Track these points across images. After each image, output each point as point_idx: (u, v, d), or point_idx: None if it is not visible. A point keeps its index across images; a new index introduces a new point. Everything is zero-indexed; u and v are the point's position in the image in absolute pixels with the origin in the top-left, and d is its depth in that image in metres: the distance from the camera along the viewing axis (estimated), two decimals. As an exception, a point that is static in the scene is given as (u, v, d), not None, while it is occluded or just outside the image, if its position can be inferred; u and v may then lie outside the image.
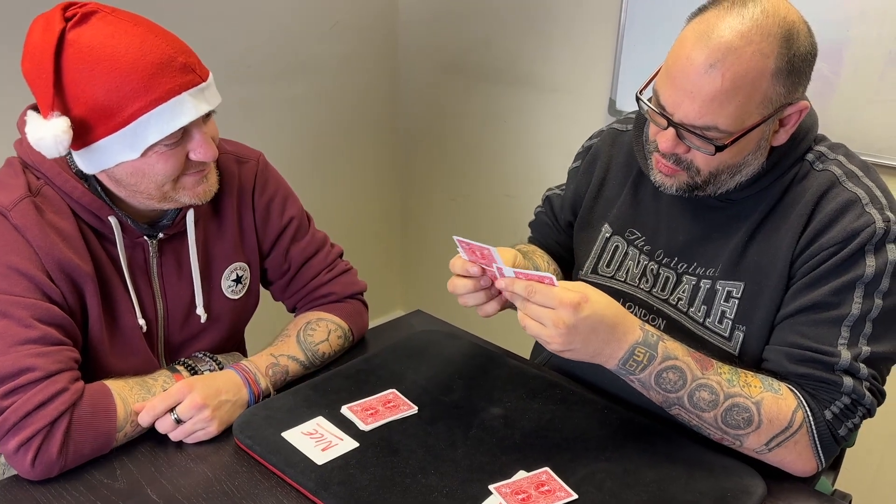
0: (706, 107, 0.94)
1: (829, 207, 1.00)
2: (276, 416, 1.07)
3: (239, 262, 1.24)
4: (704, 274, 1.10)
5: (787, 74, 0.94)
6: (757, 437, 0.97)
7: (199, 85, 1.00)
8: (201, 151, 1.03)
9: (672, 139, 0.99)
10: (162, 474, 0.99)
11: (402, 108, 2.73)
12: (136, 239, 1.11)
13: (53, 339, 0.98)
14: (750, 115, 0.95)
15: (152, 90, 0.96)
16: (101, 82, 0.95)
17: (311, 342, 1.22)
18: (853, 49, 1.63)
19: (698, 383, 0.97)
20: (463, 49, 2.46)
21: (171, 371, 1.13)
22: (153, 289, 1.15)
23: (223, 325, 1.24)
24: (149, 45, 0.96)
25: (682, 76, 0.95)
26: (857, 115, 1.65)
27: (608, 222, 1.23)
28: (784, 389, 0.98)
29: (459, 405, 1.10)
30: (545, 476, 0.95)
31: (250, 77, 2.26)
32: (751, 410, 0.96)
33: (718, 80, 0.92)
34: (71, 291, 1.03)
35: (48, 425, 0.95)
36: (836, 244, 0.98)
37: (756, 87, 0.93)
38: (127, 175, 1.02)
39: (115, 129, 0.97)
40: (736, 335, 1.07)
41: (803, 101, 0.98)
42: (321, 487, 0.93)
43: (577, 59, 2.16)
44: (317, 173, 2.54)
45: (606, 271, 1.22)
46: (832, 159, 1.05)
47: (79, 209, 1.05)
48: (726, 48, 0.92)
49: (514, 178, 2.45)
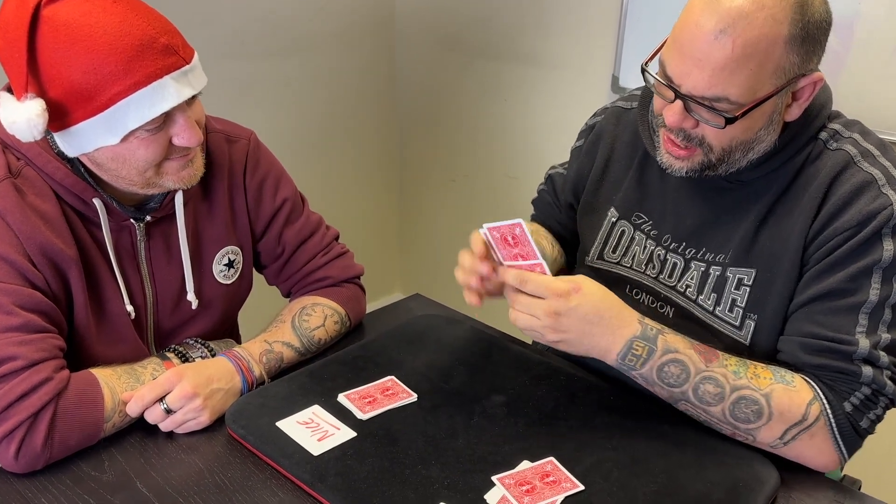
0: (716, 76, 0.89)
1: (844, 189, 0.95)
2: (270, 404, 1.03)
3: (231, 246, 1.20)
4: (714, 260, 1.06)
5: (801, 42, 0.89)
6: (769, 431, 0.93)
7: (182, 68, 0.94)
8: (185, 136, 0.98)
9: (679, 113, 0.95)
10: (152, 466, 0.95)
11: (399, 87, 2.68)
12: (122, 222, 1.07)
13: (37, 326, 0.94)
14: (762, 84, 0.90)
15: (132, 73, 0.91)
16: (77, 63, 0.89)
17: (307, 328, 1.18)
18: (864, 23, 1.58)
19: (702, 376, 0.94)
20: (462, 25, 2.40)
21: (160, 358, 1.09)
22: (141, 274, 1.11)
23: (215, 311, 1.20)
24: (128, 24, 0.91)
25: (690, 44, 0.90)
26: (868, 90, 1.61)
27: (614, 206, 1.19)
28: (798, 381, 0.95)
29: (460, 392, 1.07)
30: (550, 466, 0.92)
31: (244, 55, 2.21)
32: (759, 403, 0.92)
33: (729, 47, 0.88)
34: (54, 277, 0.99)
35: (31, 416, 0.91)
36: (851, 228, 0.93)
37: (769, 55, 0.89)
38: (107, 160, 0.98)
39: (93, 113, 0.92)
40: (747, 324, 1.03)
41: (817, 73, 0.94)
42: (317, 479, 0.90)
43: (579, 34, 2.11)
44: (312, 154, 2.50)
45: (612, 257, 1.18)
46: (847, 137, 1.00)
47: (62, 191, 1.01)
48: (737, 13, 0.87)
49: (515, 157, 2.41)
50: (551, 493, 0.88)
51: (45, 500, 0.90)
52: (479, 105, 2.45)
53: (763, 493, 0.89)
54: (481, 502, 0.86)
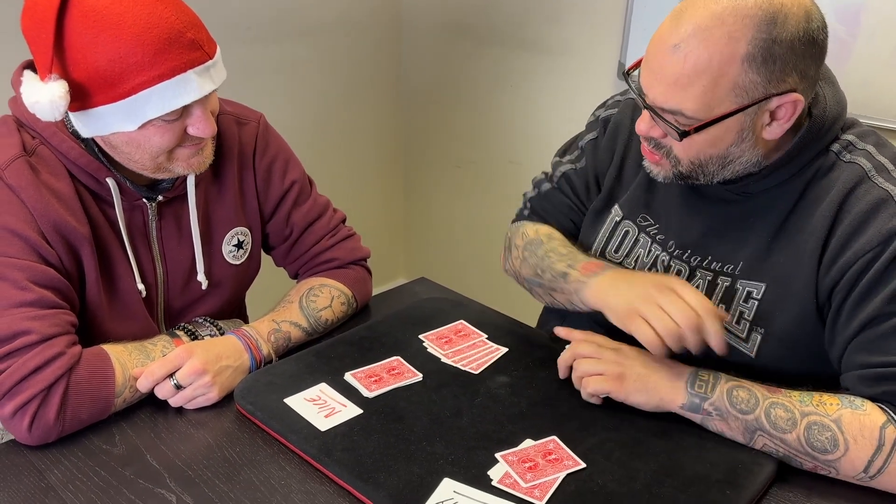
0: (670, 89, 0.90)
1: (859, 208, 0.92)
2: (278, 382, 1.05)
3: (240, 227, 1.21)
4: (722, 270, 1.03)
5: (762, 61, 0.86)
6: (850, 463, 0.88)
7: (205, 63, 0.96)
8: (200, 127, 0.99)
9: (647, 121, 0.96)
10: (161, 440, 0.97)
11: (405, 72, 2.68)
12: (134, 201, 1.08)
13: (50, 301, 0.96)
14: (719, 101, 0.89)
15: (157, 65, 0.92)
16: (104, 50, 0.90)
17: (314, 308, 1.19)
18: (870, 11, 1.58)
19: (770, 402, 0.92)
20: (468, 10, 2.40)
21: (170, 336, 1.11)
22: (153, 253, 1.12)
23: (224, 290, 1.22)
24: (157, 16, 0.92)
25: (652, 56, 0.91)
26: (874, 78, 1.61)
27: (618, 204, 1.15)
28: (868, 406, 0.90)
29: (465, 373, 1.08)
30: (553, 444, 0.93)
31: (251, 39, 2.21)
32: (831, 429, 0.88)
33: (681, 62, 0.88)
34: (67, 254, 1.00)
35: (45, 389, 0.93)
36: (873, 249, 0.90)
37: (723, 73, 0.87)
38: (122, 143, 0.99)
39: (115, 99, 0.93)
40: (753, 337, 1.01)
41: (794, 95, 0.89)
42: (324, 454, 0.92)
43: (586, 21, 2.11)
44: (318, 138, 2.50)
45: (615, 256, 1.15)
46: (861, 149, 0.96)
47: (76, 170, 1.02)
48: (694, 29, 0.87)
49: (521, 143, 2.41)
50: (553, 470, 0.89)
51: (57, 471, 0.92)
52: (484, 91, 2.45)
53: (762, 474, 0.90)
54: (485, 478, 0.88)
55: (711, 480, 0.89)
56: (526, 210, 1.28)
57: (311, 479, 0.91)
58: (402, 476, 0.88)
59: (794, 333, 0.98)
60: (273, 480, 0.90)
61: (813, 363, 1.00)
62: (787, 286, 0.98)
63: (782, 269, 0.98)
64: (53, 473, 0.92)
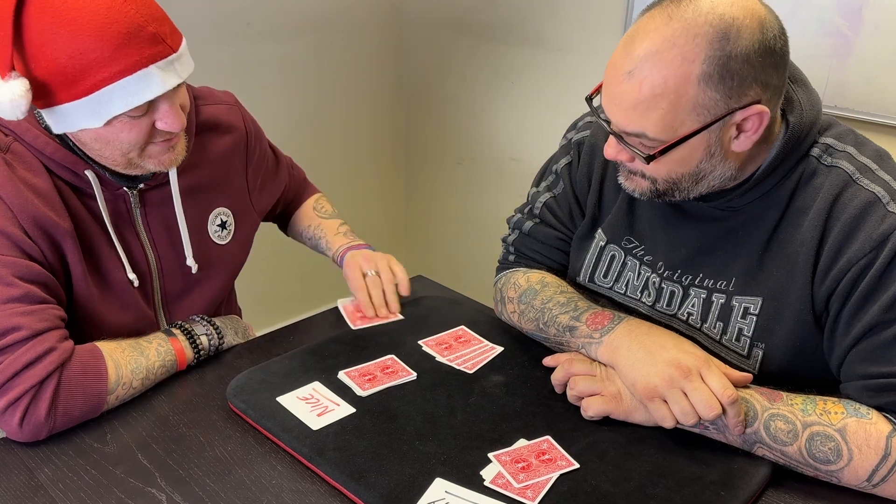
0: (630, 114, 0.89)
1: (848, 213, 0.90)
2: (271, 380, 1.04)
3: (222, 208, 1.22)
4: (716, 287, 1.01)
5: (719, 79, 0.84)
6: (853, 472, 0.86)
7: (168, 57, 0.94)
8: (168, 121, 0.98)
9: (614, 146, 0.95)
10: (153, 439, 0.96)
11: (405, 69, 2.67)
12: (115, 191, 1.07)
13: (37, 297, 0.95)
14: (681, 122, 0.88)
15: (117, 61, 0.91)
16: (63, 46, 0.89)
17: (326, 212, 1.43)
18: (873, 7, 1.57)
19: (770, 413, 0.90)
20: (468, 7, 2.39)
21: (166, 335, 1.10)
22: (141, 241, 1.12)
23: (217, 273, 1.22)
24: (116, 10, 0.90)
25: (609, 83, 0.90)
26: (877, 75, 1.59)
27: (601, 228, 1.12)
28: (874, 415, 0.88)
29: (459, 372, 1.08)
30: (546, 444, 0.93)
31: (250, 36, 2.21)
32: (835, 439, 0.86)
33: (637, 89, 0.86)
34: (50, 248, 1.00)
35: (36, 385, 0.92)
36: (866, 255, 0.88)
37: (680, 94, 0.86)
38: (91, 140, 0.99)
39: (78, 96, 0.92)
40: (755, 352, 0.99)
41: (758, 106, 0.87)
42: (316, 453, 0.91)
43: (585, 17, 2.10)
44: (318, 135, 2.49)
45: (604, 281, 1.13)
46: (841, 151, 0.94)
47: (53, 165, 1.01)
48: (645, 55, 0.86)
49: (521, 140, 2.40)
50: (546, 470, 0.88)
51: (48, 469, 0.91)
52: (485, 88, 2.44)
53: (757, 476, 0.89)
54: (477, 478, 0.87)
55: (706, 481, 0.88)
56: (511, 255, 1.24)
57: (302, 478, 0.90)
58: (393, 476, 0.87)
59: (794, 346, 0.97)
60: (264, 480, 0.90)
61: (816, 371, 0.98)
62: (784, 299, 0.96)
63: (777, 283, 0.96)
64: (44, 472, 0.91)
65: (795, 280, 0.94)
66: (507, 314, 1.19)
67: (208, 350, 1.13)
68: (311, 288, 2.56)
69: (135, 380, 1.02)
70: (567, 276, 1.19)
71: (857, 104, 1.63)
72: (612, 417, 0.97)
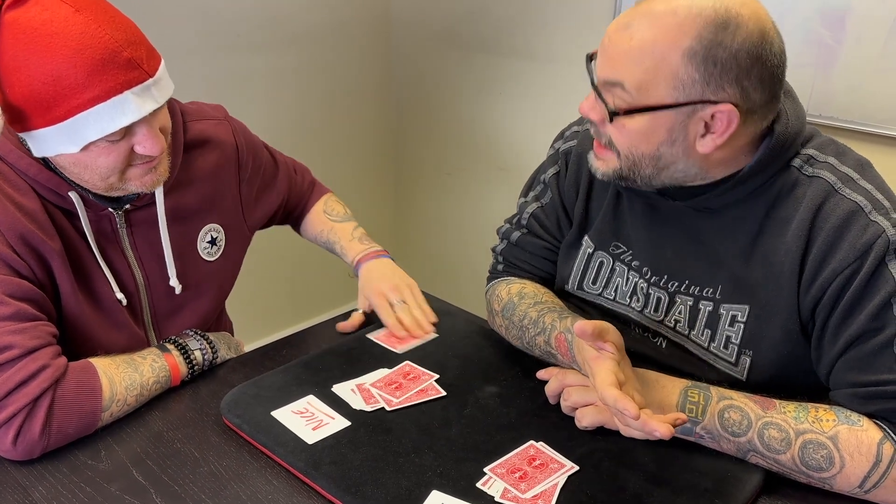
0: (614, 61, 0.91)
1: (831, 223, 0.91)
2: (265, 394, 1.04)
3: (213, 224, 1.21)
4: (702, 295, 1.02)
5: (702, 59, 0.86)
6: (846, 479, 0.88)
7: (144, 82, 0.94)
8: (147, 145, 0.98)
9: (590, 101, 0.96)
10: (147, 455, 0.96)
11: (394, 81, 2.68)
12: (100, 212, 1.07)
13: (28, 314, 0.95)
14: (656, 87, 0.89)
15: (91, 87, 0.90)
16: (37, 72, 0.89)
17: (338, 213, 1.45)
18: (856, 17, 1.59)
19: (764, 422, 0.90)
20: (457, 19, 2.41)
21: (160, 350, 1.10)
22: (128, 260, 1.12)
23: (207, 291, 1.22)
24: (90, 35, 0.90)
25: (608, 33, 0.93)
26: (860, 84, 1.62)
27: (588, 235, 1.13)
28: (865, 421, 0.89)
29: (454, 383, 1.08)
30: (533, 450, 0.93)
31: (239, 47, 2.21)
32: (827, 447, 0.87)
33: (628, 39, 0.90)
34: (38, 266, 0.99)
35: (30, 403, 0.92)
36: (850, 264, 0.89)
37: (664, 59, 0.88)
38: (70, 164, 0.98)
39: (52, 122, 0.92)
40: (743, 360, 1.00)
41: (730, 107, 0.88)
42: (311, 467, 0.91)
43: (574, 28, 2.12)
44: (307, 147, 2.49)
45: (593, 288, 1.14)
46: (822, 162, 0.95)
47: (38, 186, 1.01)
48: (647, 12, 0.89)
49: (509, 151, 2.42)
50: (542, 475, 0.89)
51: (42, 488, 0.91)
52: (474, 99, 2.46)
53: (751, 483, 0.90)
54: (473, 490, 0.88)
55: (700, 489, 0.89)
56: (500, 265, 1.25)
57: (298, 493, 0.90)
58: (389, 489, 0.87)
59: (782, 354, 0.98)
60: (260, 495, 0.90)
61: (805, 378, 0.99)
62: (770, 308, 0.97)
63: (763, 292, 0.97)
64: (38, 490, 0.91)
65: (782, 289, 0.95)
66: (496, 327, 1.20)
67: (202, 365, 1.13)
68: (300, 300, 2.55)
69: (129, 396, 1.01)
70: (555, 284, 1.20)
71: (841, 112, 1.65)
72: (607, 427, 0.98)
